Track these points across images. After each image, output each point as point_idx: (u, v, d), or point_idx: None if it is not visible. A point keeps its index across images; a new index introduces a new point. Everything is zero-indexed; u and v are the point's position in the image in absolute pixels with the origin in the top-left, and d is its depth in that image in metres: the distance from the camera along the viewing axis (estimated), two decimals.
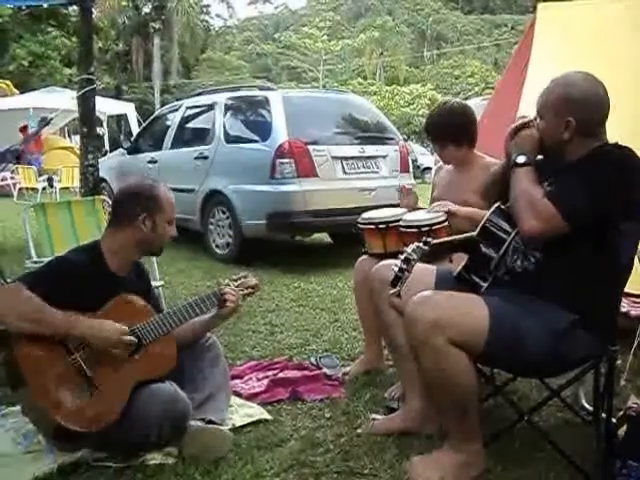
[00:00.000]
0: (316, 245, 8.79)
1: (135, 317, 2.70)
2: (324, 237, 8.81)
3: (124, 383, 2.57)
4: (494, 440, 2.62)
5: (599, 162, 2.34)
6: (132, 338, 2.59)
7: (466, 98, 24.98)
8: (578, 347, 2.39)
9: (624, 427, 2.49)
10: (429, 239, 2.51)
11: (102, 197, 4.90)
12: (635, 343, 3.43)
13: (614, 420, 2.58)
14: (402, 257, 2.44)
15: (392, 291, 2.45)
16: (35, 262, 3.99)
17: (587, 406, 3.08)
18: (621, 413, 2.64)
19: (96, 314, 2.62)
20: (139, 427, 2.54)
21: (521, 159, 2.45)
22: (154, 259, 4.35)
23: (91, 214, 4.43)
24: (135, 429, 2.53)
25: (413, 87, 39.98)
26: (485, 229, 2.50)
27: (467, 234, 2.56)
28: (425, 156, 22.74)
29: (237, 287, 3.00)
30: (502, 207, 2.52)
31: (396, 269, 2.44)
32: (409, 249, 2.45)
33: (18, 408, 2.89)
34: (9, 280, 4.42)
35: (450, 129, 3.44)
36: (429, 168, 21.09)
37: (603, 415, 2.66)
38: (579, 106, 2.37)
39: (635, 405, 2.68)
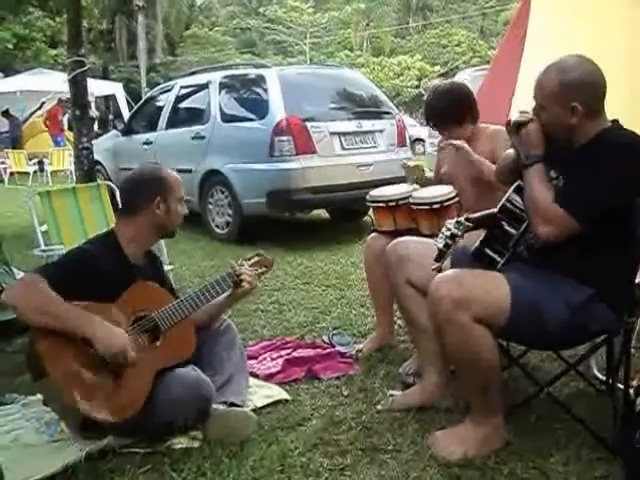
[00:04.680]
0: (315, 221, 8.78)
1: (153, 304, 2.72)
2: (322, 213, 8.81)
3: (146, 371, 2.58)
4: (512, 412, 2.66)
5: (606, 152, 2.33)
6: (133, 356, 2.53)
7: (454, 68, 24.82)
8: (595, 320, 2.42)
9: None
10: (469, 215, 2.53)
11: (105, 182, 4.88)
12: None
13: (630, 390, 2.63)
14: (446, 233, 2.47)
15: (435, 266, 2.50)
16: (44, 250, 3.98)
17: (599, 375, 3.12)
18: (635, 382, 2.68)
19: (115, 303, 2.63)
20: (165, 413, 2.56)
21: (531, 160, 2.44)
22: (162, 243, 4.35)
23: (96, 200, 4.40)
24: (161, 415, 2.55)
25: (401, 58, 39.70)
26: (505, 207, 2.52)
27: (489, 210, 2.57)
28: (414, 127, 22.60)
29: (251, 266, 3.01)
30: (522, 185, 2.53)
31: (440, 245, 2.47)
32: (451, 225, 2.48)
33: (38, 397, 2.91)
34: (15, 269, 4.43)
35: (449, 112, 3.41)
36: (419, 140, 20.95)
37: (618, 385, 2.70)
38: (580, 89, 2.35)
39: None
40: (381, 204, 3.52)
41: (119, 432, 2.57)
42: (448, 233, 2.47)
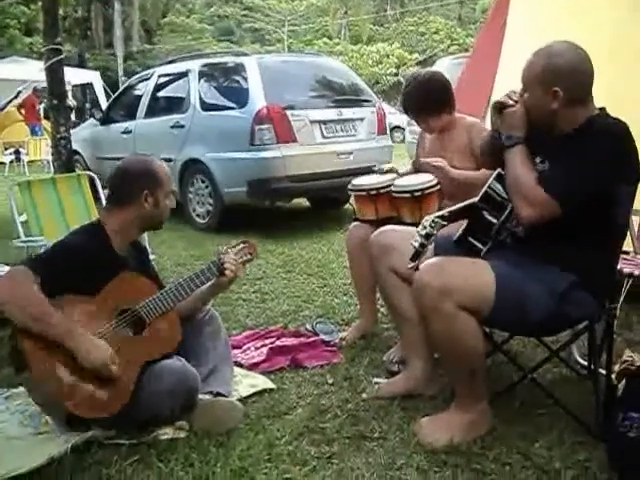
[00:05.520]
0: (296, 210, 8.76)
1: (138, 295, 2.70)
2: (302, 201, 8.80)
3: (133, 363, 2.56)
4: (496, 398, 2.69)
5: (593, 138, 2.34)
6: (116, 370, 2.49)
7: (432, 56, 24.76)
8: (578, 307, 2.45)
9: (623, 381, 2.56)
10: (445, 213, 2.53)
11: (86, 172, 4.82)
12: (621, 298, 3.51)
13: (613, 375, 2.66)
14: (422, 232, 2.47)
15: (411, 265, 2.51)
16: (24, 242, 3.92)
17: (581, 361, 3.16)
18: (617, 367, 2.71)
19: (99, 295, 2.61)
20: (152, 404, 2.55)
21: (512, 140, 2.45)
22: (145, 234, 4.32)
23: (77, 191, 4.36)
24: (148, 407, 2.54)
25: (380, 46, 39.56)
26: (486, 195, 2.52)
27: (469, 200, 2.58)
28: (394, 115, 22.65)
29: (236, 254, 3.00)
30: (502, 173, 2.54)
31: (416, 244, 2.48)
32: (427, 223, 2.48)
33: (21, 389, 2.89)
34: None
35: (426, 102, 3.41)
36: (398, 127, 21.00)
37: (600, 370, 2.73)
38: (565, 75, 2.36)
39: (630, 359, 2.76)
40: (363, 193, 3.52)
41: (105, 424, 2.55)
42: (424, 232, 2.47)
